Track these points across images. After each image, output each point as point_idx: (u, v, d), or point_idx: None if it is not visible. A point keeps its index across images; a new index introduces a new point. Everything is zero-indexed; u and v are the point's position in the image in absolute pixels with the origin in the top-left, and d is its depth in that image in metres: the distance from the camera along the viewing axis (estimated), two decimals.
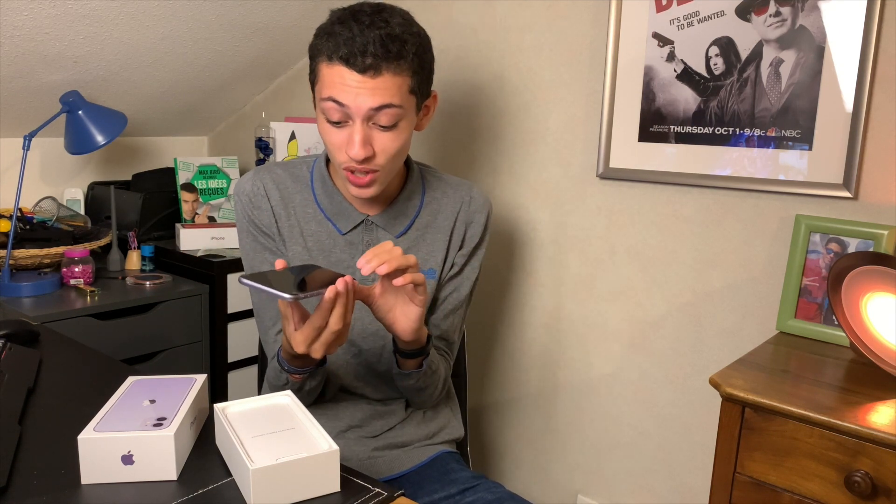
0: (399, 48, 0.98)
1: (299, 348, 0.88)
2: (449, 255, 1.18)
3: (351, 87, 0.97)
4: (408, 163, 1.18)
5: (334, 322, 0.86)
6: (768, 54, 1.31)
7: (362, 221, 1.12)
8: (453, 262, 1.19)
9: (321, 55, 1.00)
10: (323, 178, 1.13)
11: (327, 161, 1.16)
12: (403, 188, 1.16)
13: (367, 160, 1.01)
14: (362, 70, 0.97)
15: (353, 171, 1.03)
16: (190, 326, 1.82)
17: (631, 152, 1.51)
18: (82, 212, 2.09)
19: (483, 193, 1.22)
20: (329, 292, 0.84)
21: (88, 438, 0.67)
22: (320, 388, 1.09)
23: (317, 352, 0.88)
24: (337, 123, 1.01)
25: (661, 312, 1.52)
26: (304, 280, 0.87)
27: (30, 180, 2.01)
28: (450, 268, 1.19)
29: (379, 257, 0.87)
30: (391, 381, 1.15)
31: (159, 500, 0.65)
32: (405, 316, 0.96)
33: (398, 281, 0.87)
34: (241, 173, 2.21)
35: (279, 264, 0.88)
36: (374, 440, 1.14)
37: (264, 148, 2.02)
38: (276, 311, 1.12)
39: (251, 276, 0.84)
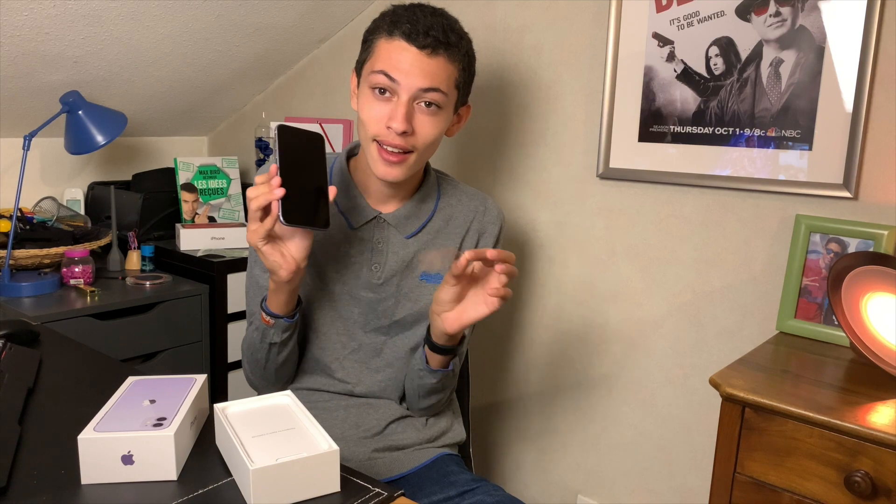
0: (457, 39, 1.05)
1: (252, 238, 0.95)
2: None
3: (406, 61, 1.01)
4: (426, 167, 1.19)
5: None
6: (768, 54, 1.31)
7: (374, 218, 1.13)
8: None
9: (380, 31, 1.05)
10: (342, 172, 1.14)
11: (348, 159, 1.17)
12: (418, 190, 1.17)
13: (404, 136, 1.03)
14: (421, 47, 1.01)
15: (385, 148, 1.04)
16: (190, 326, 1.82)
17: (631, 152, 1.51)
18: (82, 212, 2.09)
19: (498, 206, 1.23)
20: None
21: (88, 438, 0.67)
22: (290, 351, 1.11)
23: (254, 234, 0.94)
24: (383, 93, 1.03)
25: (661, 312, 1.52)
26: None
27: (30, 180, 2.01)
28: None
29: (505, 256, 0.94)
30: (388, 380, 1.16)
31: (159, 500, 0.65)
32: (465, 313, 1.00)
33: (499, 268, 0.94)
34: (242, 173, 2.21)
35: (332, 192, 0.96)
36: (373, 441, 1.14)
37: (264, 148, 2.02)
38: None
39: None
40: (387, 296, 1.14)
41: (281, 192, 0.89)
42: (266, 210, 0.92)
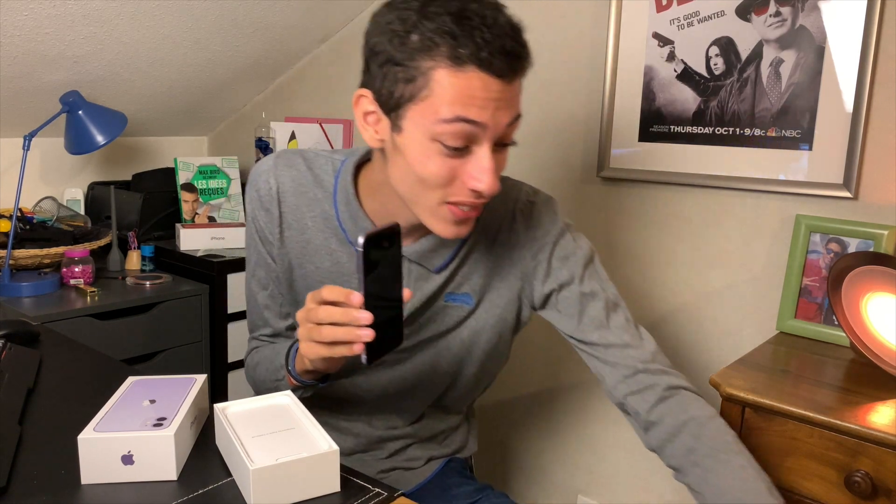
0: (524, 38, 0.78)
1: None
2: (495, 282, 0.95)
3: (492, 98, 0.74)
4: None
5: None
6: (768, 54, 1.31)
7: None
8: (549, 294, 0.95)
9: (435, 55, 0.73)
10: (347, 195, 0.91)
11: (354, 172, 0.93)
12: None
13: None
14: (501, 74, 0.74)
15: (461, 208, 0.80)
16: (190, 326, 1.82)
17: (631, 152, 1.51)
18: (82, 212, 2.09)
19: (538, 195, 0.98)
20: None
21: (88, 438, 0.67)
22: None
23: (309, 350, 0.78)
24: (458, 151, 0.76)
25: (661, 312, 1.52)
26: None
27: (30, 180, 2.01)
28: (546, 300, 0.96)
29: None
30: (407, 385, 1.01)
31: (159, 500, 0.65)
32: None
33: None
34: (242, 173, 2.20)
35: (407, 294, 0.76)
36: (380, 463, 1.06)
37: (264, 148, 2.02)
38: (262, 318, 1.04)
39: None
40: (407, 328, 0.96)
41: (370, 335, 0.71)
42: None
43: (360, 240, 0.69)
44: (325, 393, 1.01)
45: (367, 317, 0.71)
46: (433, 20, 0.73)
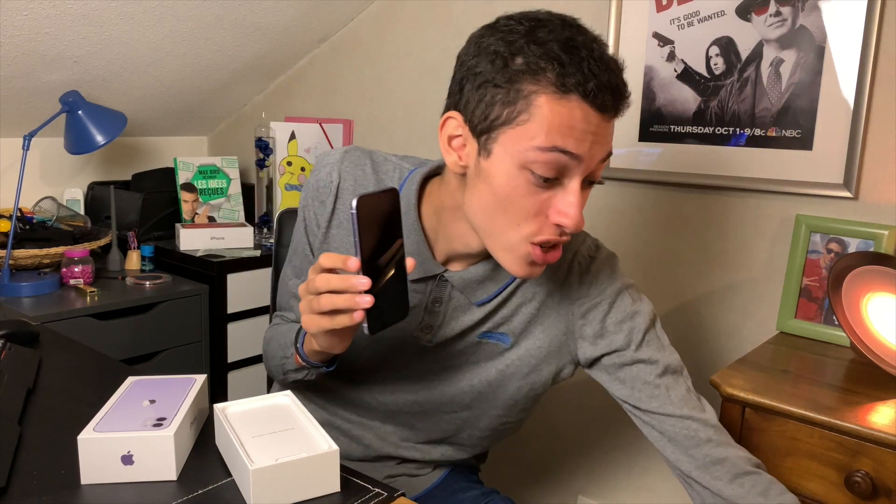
0: (625, 78, 0.77)
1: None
2: (535, 330, 0.91)
3: (590, 132, 0.72)
4: None
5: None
6: (768, 54, 1.31)
7: (436, 276, 0.88)
8: (600, 356, 0.91)
9: (541, 81, 0.71)
10: (408, 206, 0.87)
11: (421, 185, 0.89)
12: None
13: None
14: (604, 109, 0.73)
15: (543, 247, 0.77)
16: (190, 326, 1.82)
17: (631, 152, 1.51)
18: (82, 212, 2.09)
19: (599, 251, 0.92)
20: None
21: (88, 438, 0.67)
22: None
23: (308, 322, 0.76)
24: (546, 182, 0.74)
25: (661, 312, 1.52)
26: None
27: (30, 180, 2.01)
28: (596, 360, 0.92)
29: None
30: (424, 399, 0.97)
31: (159, 500, 0.65)
32: None
33: None
34: (241, 173, 2.20)
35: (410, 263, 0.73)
36: (388, 468, 1.05)
37: (264, 148, 2.02)
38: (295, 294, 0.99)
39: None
40: (435, 354, 0.94)
41: (369, 301, 0.69)
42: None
43: (354, 202, 0.67)
44: (341, 399, 1.00)
45: (365, 282, 0.69)
46: (541, 45, 0.72)
